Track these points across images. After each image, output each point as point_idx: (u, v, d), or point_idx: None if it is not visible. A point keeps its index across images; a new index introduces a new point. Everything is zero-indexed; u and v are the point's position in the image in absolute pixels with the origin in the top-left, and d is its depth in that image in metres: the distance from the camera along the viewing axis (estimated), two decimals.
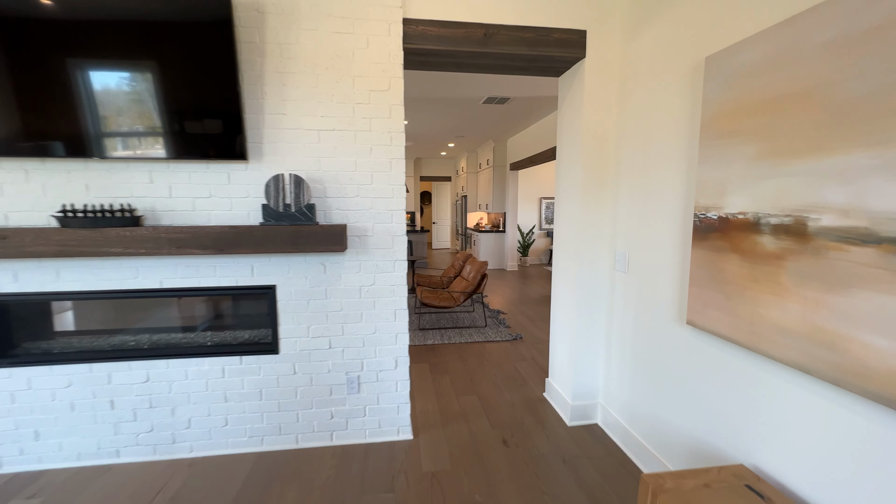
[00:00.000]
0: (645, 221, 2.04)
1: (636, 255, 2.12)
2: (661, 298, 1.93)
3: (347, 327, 2.25)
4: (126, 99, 1.86)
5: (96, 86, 1.84)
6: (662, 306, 1.92)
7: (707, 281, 1.59)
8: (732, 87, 1.45)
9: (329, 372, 2.26)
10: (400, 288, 2.26)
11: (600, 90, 2.29)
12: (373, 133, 2.14)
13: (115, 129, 1.89)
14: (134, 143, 1.92)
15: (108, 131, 1.89)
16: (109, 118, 1.87)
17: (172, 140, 1.93)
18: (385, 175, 2.17)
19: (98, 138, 1.88)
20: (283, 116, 2.07)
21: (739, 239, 1.44)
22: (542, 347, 3.91)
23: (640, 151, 2.06)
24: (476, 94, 5.04)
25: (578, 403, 2.52)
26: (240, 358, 2.20)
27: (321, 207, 2.15)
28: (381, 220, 2.20)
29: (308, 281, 2.18)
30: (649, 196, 2.00)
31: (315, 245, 2.01)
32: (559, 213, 2.67)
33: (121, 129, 1.89)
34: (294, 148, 2.09)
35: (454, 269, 5.58)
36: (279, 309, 2.19)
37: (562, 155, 2.64)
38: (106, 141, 1.89)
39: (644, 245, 2.05)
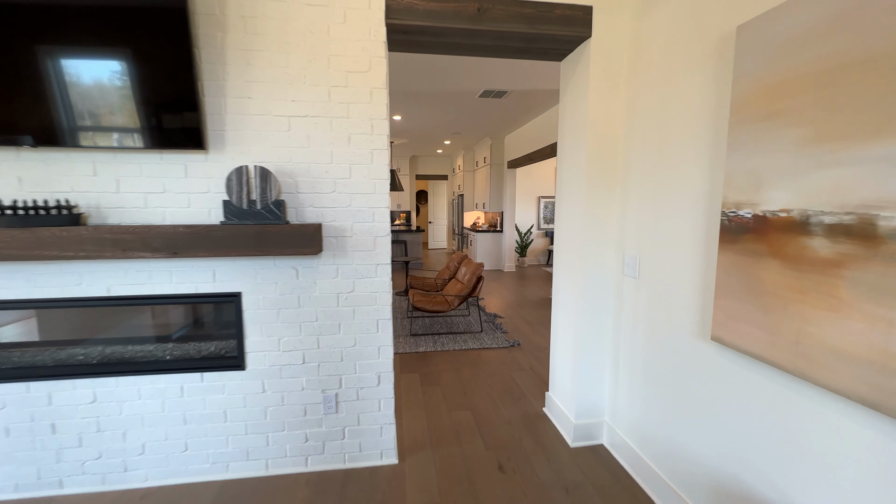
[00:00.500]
0: (659, 220, 1.80)
1: (648, 258, 1.88)
2: (678, 308, 1.69)
3: (323, 340, 1.99)
4: None
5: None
6: (680, 317, 1.68)
7: (738, 291, 1.34)
8: (773, 60, 1.21)
9: (303, 390, 2.01)
10: (383, 295, 2.01)
11: (608, 73, 2.05)
12: (351, 120, 1.88)
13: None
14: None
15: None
16: None
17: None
18: (365, 168, 1.92)
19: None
20: (249, 101, 1.82)
21: (781, 242, 1.19)
22: (542, 355, 3.67)
23: (654, 141, 1.82)
24: (472, 87, 4.79)
25: (582, 422, 2.28)
26: (200, 374, 1.94)
27: (292, 204, 1.90)
28: (361, 219, 1.95)
29: (278, 287, 1.93)
30: (665, 192, 1.75)
31: (284, 247, 1.76)
32: (560, 213, 2.43)
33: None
34: (261, 137, 1.84)
35: (449, 271, 5.33)
36: (245, 319, 1.93)
37: (564, 148, 2.39)
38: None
39: (658, 247, 1.81)
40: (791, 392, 1.22)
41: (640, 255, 1.95)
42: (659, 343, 1.82)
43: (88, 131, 1.67)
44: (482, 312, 5.08)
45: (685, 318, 1.65)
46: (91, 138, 1.68)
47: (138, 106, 1.68)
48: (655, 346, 1.84)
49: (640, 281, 1.95)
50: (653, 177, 1.83)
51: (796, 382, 1.20)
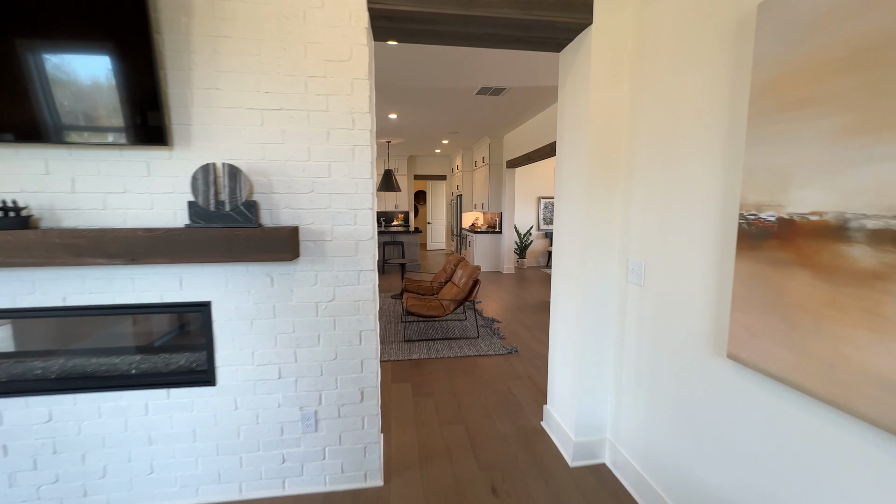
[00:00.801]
0: (667, 223, 1.64)
1: (655, 265, 1.72)
2: (689, 320, 1.53)
3: (301, 353, 1.84)
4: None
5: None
6: (691, 330, 1.52)
7: (759, 304, 1.18)
8: (803, 40, 1.05)
9: (279, 407, 1.85)
10: (366, 304, 1.85)
11: (610, 64, 1.89)
12: (330, 114, 1.73)
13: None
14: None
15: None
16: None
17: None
18: (346, 166, 1.76)
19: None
20: (217, 92, 1.66)
21: (812, 249, 1.03)
22: (540, 363, 3.51)
23: (661, 137, 1.66)
24: (468, 83, 4.64)
25: (583, 440, 2.11)
26: (167, 391, 1.78)
27: (266, 206, 1.74)
28: (341, 222, 1.79)
29: (251, 296, 1.77)
30: (673, 191, 1.59)
31: (255, 252, 1.60)
32: (559, 215, 2.27)
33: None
34: (231, 132, 1.68)
35: (445, 274, 5.18)
36: (215, 331, 1.78)
37: (563, 146, 2.23)
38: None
39: (666, 253, 1.65)
40: (825, 422, 1.06)
41: (645, 260, 1.79)
42: (667, 357, 1.66)
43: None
44: (479, 316, 4.92)
45: (697, 331, 1.49)
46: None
47: (93, 98, 1.52)
48: (663, 359, 1.68)
49: (646, 289, 1.79)
50: (660, 175, 1.67)
51: (831, 412, 1.04)
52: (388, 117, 6.37)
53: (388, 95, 5.15)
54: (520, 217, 8.91)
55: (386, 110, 5.95)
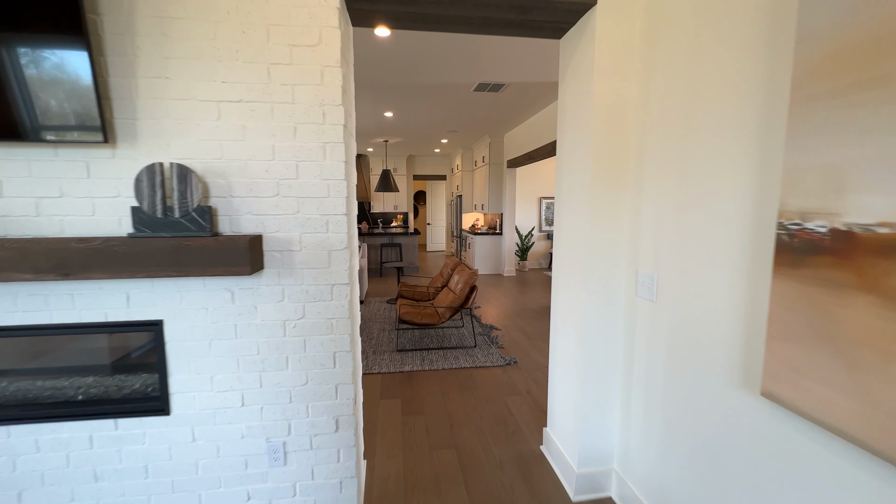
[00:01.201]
0: (684, 232, 1.41)
1: (669, 278, 1.50)
2: (711, 345, 1.31)
3: (268, 377, 1.62)
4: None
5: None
6: (715, 358, 1.30)
7: (804, 334, 0.96)
8: (864, 6, 0.83)
9: (243, 438, 1.64)
10: (341, 322, 1.63)
11: (617, 50, 1.67)
12: (297, 106, 1.51)
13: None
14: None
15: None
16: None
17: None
18: (316, 166, 1.55)
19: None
20: (167, 82, 1.45)
21: (880, 270, 0.81)
22: (540, 375, 3.28)
23: (678, 130, 1.44)
24: (465, 79, 4.42)
25: (587, 471, 1.89)
26: (114, 421, 1.58)
27: (225, 212, 1.53)
28: (311, 229, 1.58)
29: (209, 314, 1.56)
30: (692, 195, 1.37)
31: (207, 266, 1.39)
32: (560, 220, 2.05)
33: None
34: (184, 127, 1.47)
35: (442, 278, 4.96)
36: (168, 353, 1.57)
37: (563, 144, 2.01)
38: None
39: (682, 266, 1.43)
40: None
41: (657, 273, 1.56)
42: (683, 385, 1.44)
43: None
44: (477, 323, 4.70)
45: (722, 359, 1.27)
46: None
47: (20, 87, 1.31)
48: (680, 388, 1.46)
49: (659, 305, 1.56)
50: (675, 176, 1.45)
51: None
52: (383, 115, 6.16)
53: (383, 92, 4.94)
54: (521, 218, 8.68)
55: (381, 108, 5.74)
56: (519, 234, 8.51)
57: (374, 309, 5.34)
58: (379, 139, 8.26)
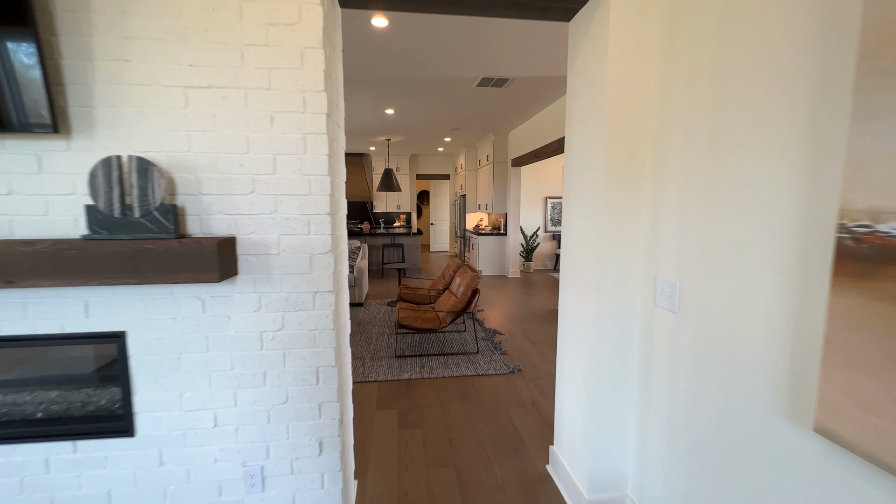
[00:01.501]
0: (713, 234, 1.23)
1: (695, 287, 1.31)
2: (746, 366, 1.12)
3: (243, 395, 1.46)
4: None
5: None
6: (750, 382, 1.11)
7: (875, 361, 0.78)
8: None
9: (216, 462, 1.48)
10: (324, 334, 1.47)
11: (634, 31, 1.49)
12: (274, 93, 1.35)
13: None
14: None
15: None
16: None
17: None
18: (296, 160, 1.38)
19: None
20: (127, 65, 1.29)
21: None
22: (546, 384, 3.10)
23: (706, 119, 1.25)
24: (468, 73, 4.24)
25: (598, 497, 1.71)
26: (72, 443, 1.42)
27: (194, 211, 1.37)
28: (291, 230, 1.41)
29: (177, 325, 1.40)
30: (723, 191, 1.19)
31: (170, 272, 1.23)
32: (568, 221, 1.87)
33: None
34: (147, 116, 1.31)
35: (444, 280, 4.79)
36: (132, 368, 1.41)
37: (573, 138, 1.83)
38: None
39: (712, 273, 1.24)
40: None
41: (680, 280, 1.38)
42: (713, 411, 1.25)
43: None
44: (479, 327, 4.52)
45: (760, 384, 1.08)
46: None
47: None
48: (707, 414, 1.28)
49: (682, 317, 1.38)
50: (703, 169, 1.27)
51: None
52: (384, 113, 6.00)
53: (383, 88, 4.78)
54: (526, 218, 8.49)
55: (382, 105, 5.58)
56: (524, 235, 8.32)
57: (373, 311, 5.19)
58: (381, 137, 8.11)
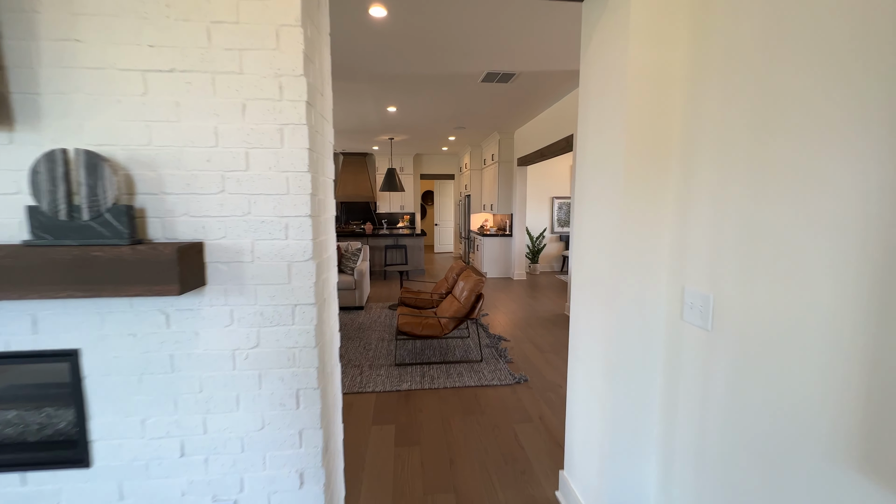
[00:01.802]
0: (759, 239, 1.04)
1: (733, 301, 1.12)
2: (802, 402, 0.93)
3: (214, 420, 1.29)
4: None
5: None
6: (807, 422, 0.92)
7: None
8: None
9: (183, 496, 1.31)
10: (305, 352, 1.30)
11: (659, 5, 1.30)
12: (246, 77, 1.18)
13: None
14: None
15: None
16: None
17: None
18: (271, 154, 1.21)
19: None
20: (77, 46, 1.13)
21: None
22: (554, 397, 2.91)
23: (749, 107, 1.06)
24: (473, 68, 4.06)
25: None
26: (21, 475, 1.26)
27: (156, 212, 1.20)
28: (266, 235, 1.24)
29: (138, 342, 1.24)
30: (772, 186, 0.99)
31: (122, 283, 1.06)
32: (580, 222, 1.68)
33: None
34: (100, 105, 1.15)
35: (447, 284, 4.61)
36: (88, 390, 1.25)
37: (587, 132, 1.64)
38: None
39: (756, 285, 1.05)
40: None
41: (714, 294, 1.19)
42: (754, 451, 1.06)
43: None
44: (484, 332, 4.34)
45: (822, 426, 0.89)
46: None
47: None
48: (746, 454, 1.09)
49: (716, 335, 1.19)
50: (743, 164, 1.08)
51: None
52: (386, 111, 5.84)
53: (384, 84, 4.61)
54: (532, 219, 8.29)
55: (384, 102, 5.41)
56: (530, 236, 8.13)
57: (374, 315, 5.02)
58: (384, 136, 7.95)
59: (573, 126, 4.89)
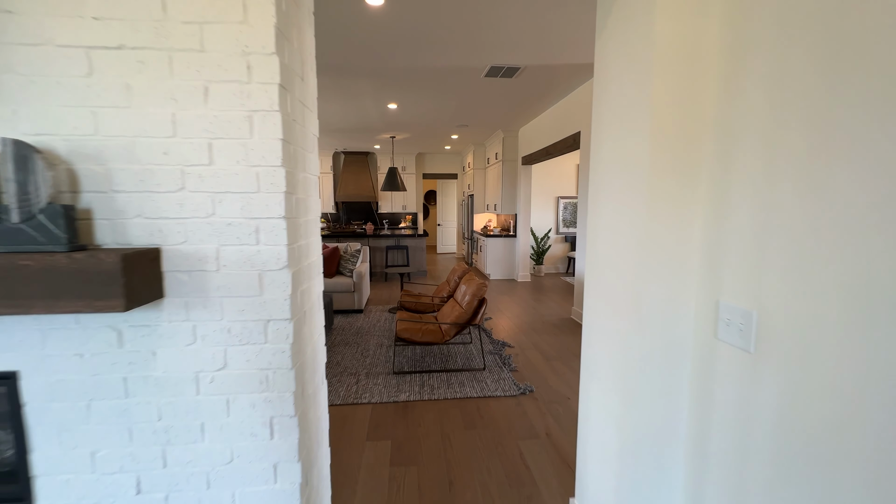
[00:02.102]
0: (822, 245, 0.85)
1: (784, 319, 0.94)
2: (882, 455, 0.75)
3: (175, 453, 1.13)
4: None
5: None
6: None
7: None
8: None
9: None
10: (280, 375, 1.12)
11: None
12: (208, 56, 1.01)
13: None
14: None
15: None
16: None
17: None
18: (239, 146, 1.04)
19: None
20: (9, 18, 0.96)
21: None
22: (562, 410, 2.73)
23: (809, 83, 0.88)
24: (476, 62, 3.88)
25: None
26: None
27: (105, 213, 1.03)
28: (233, 239, 1.07)
29: (86, 363, 1.07)
30: (845, 182, 0.81)
31: (57, 297, 0.90)
32: (594, 224, 1.50)
33: None
34: (37, 87, 0.99)
35: (448, 287, 4.43)
36: (28, 419, 1.08)
37: (602, 121, 1.46)
38: None
39: (815, 301, 0.86)
40: None
41: (758, 309, 1.01)
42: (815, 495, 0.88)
43: None
44: (487, 338, 4.15)
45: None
46: None
47: None
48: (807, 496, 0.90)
49: (761, 359, 1.00)
50: (802, 152, 0.89)
51: None
52: (387, 108, 5.67)
53: (384, 80, 4.44)
54: (536, 219, 8.10)
55: (384, 99, 5.24)
56: (534, 237, 7.93)
57: (373, 319, 4.85)
58: (385, 135, 7.78)
59: (581, 123, 4.70)
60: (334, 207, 9.92)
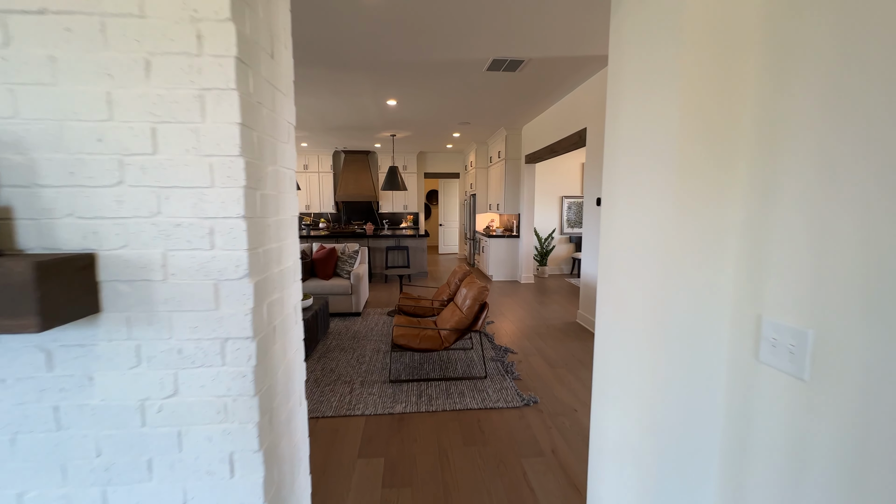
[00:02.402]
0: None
1: (850, 340, 0.76)
2: None
3: (117, 494, 0.96)
4: None
5: None
6: None
7: None
8: None
9: None
10: (240, 402, 0.95)
11: None
12: (149, 22, 0.84)
13: None
14: None
15: None
16: None
17: None
18: (189, 131, 0.87)
19: None
20: None
21: None
22: (568, 423, 2.55)
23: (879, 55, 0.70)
24: (477, 54, 3.71)
25: None
26: None
27: (28, 212, 0.87)
28: (183, 243, 0.90)
29: (9, 390, 0.91)
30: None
31: None
32: (608, 226, 1.32)
33: None
34: None
35: (449, 290, 4.26)
36: None
37: (619, 110, 1.28)
38: None
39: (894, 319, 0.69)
40: None
41: (816, 329, 0.83)
42: None
43: None
44: (488, 343, 3.98)
45: None
46: None
47: None
48: None
49: (819, 388, 0.82)
50: (873, 144, 0.71)
51: None
52: (386, 104, 5.50)
53: (382, 74, 4.27)
54: (540, 219, 7.92)
55: (383, 95, 5.08)
56: (538, 237, 7.75)
57: (371, 322, 4.69)
58: (385, 133, 7.62)
59: (587, 119, 4.52)
60: (334, 207, 9.78)
